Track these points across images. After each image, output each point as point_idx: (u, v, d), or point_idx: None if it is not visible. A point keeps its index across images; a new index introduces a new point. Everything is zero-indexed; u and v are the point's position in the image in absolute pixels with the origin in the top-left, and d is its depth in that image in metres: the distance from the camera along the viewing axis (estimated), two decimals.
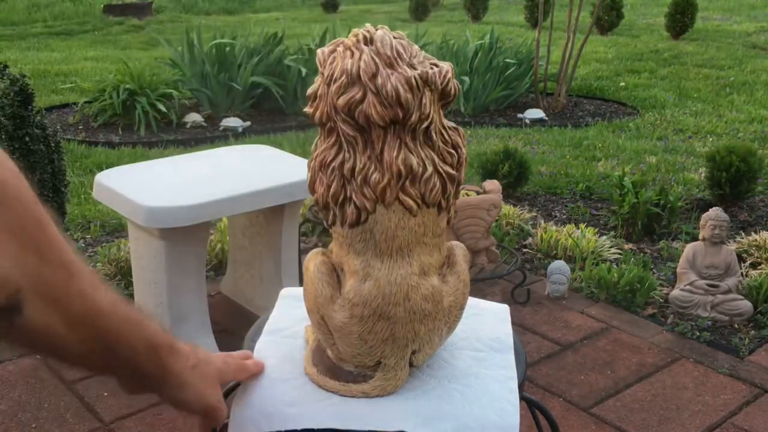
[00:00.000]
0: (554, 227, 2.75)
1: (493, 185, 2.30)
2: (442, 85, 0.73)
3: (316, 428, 0.74)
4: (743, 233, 2.76)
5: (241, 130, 4.24)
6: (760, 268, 2.45)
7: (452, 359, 0.85)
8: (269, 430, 0.75)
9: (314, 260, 0.78)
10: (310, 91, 0.76)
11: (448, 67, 0.74)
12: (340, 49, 0.73)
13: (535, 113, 4.57)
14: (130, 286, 2.21)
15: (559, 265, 2.32)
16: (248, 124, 4.34)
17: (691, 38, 7.36)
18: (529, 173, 3.17)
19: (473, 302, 0.94)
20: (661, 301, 2.29)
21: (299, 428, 0.74)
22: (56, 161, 2.43)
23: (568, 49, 4.58)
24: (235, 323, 2.11)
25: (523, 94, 4.93)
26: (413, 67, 0.72)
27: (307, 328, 0.87)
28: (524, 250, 2.68)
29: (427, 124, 0.73)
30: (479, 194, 2.28)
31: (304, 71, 4.41)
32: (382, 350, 0.76)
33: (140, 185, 1.81)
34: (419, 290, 0.74)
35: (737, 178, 2.97)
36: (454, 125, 0.78)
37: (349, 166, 0.73)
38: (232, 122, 4.28)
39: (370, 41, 0.73)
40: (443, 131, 0.76)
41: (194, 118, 4.34)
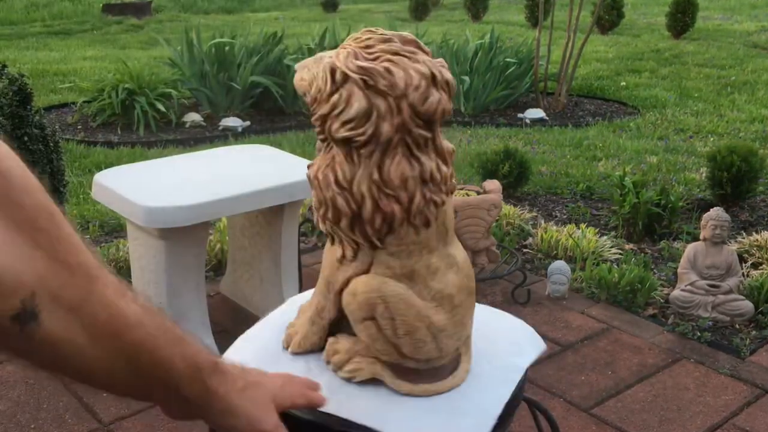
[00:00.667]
0: (555, 227, 2.74)
1: (493, 185, 2.29)
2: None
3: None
4: (744, 233, 2.75)
5: (240, 129, 4.24)
6: (761, 268, 2.45)
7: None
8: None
9: (388, 286, 0.77)
10: (354, 113, 0.70)
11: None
12: (382, 62, 0.71)
13: (535, 113, 4.56)
14: (129, 286, 2.20)
15: (559, 265, 2.31)
16: (248, 123, 4.33)
17: (691, 38, 7.36)
18: (529, 173, 3.17)
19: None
20: (661, 301, 2.29)
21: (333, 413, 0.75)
22: (55, 161, 2.43)
23: (568, 48, 4.57)
24: (234, 323, 2.10)
25: (523, 93, 4.92)
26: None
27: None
28: (524, 250, 2.67)
29: None
30: (479, 194, 2.27)
31: None
32: (466, 330, 0.83)
33: (139, 185, 1.81)
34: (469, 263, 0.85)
35: (738, 177, 2.96)
36: None
37: (426, 169, 0.75)
38: (231, 122, 4.28)
39: (389, 40, 0.73)
40: None
41: (193, 117, 4.33)
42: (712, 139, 4.10)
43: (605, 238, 2.67)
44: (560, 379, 1.88)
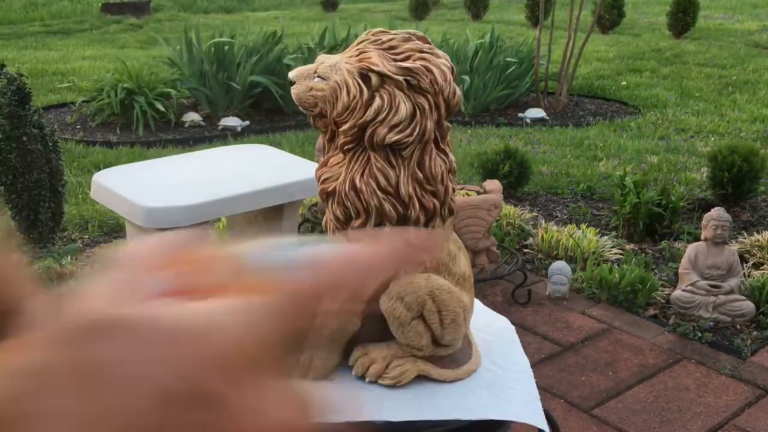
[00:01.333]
0: (555, 227, 2.73)
1: (493, 185, 2.28)
2: None
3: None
4: (745, 233, 2.75)
5: (239, 129, 4.23)
6: (762, 268, 2.44)
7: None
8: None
9: (433, 281, 0.79)
10: (403, 116, 0.70)
11: None
12: (416, 60, 0.71)
13: (535, 113, 4.56)
14: None
15: (560, 265, 2.31)
16: (247, 123, 4.33)
17: (692, 37, 7.35)
18: (529, 173, 3.16)
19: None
20: (662, 301, 2.28)
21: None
22: (54, 161, 2.42)
23: (569, 48, 4.56)
24: None
25: (523, 93, 4.91)
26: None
27: None
28: (525, 250, 2.66)
29: None
30: (480, 194, 2.26)
31: None
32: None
33: (138, 185, 1.80)
34: None
35: (739, 177, 2.96)
36: None
37: (452, 159, 0.77)
38: (230, 122, 4.27)
39: (410, 39, 0.74)
40: None
41: (193, 117, 4.32)
42: (713, 138, 4.09)
43: (606, 238, 2.67)
44: (561, 379, 1.88)
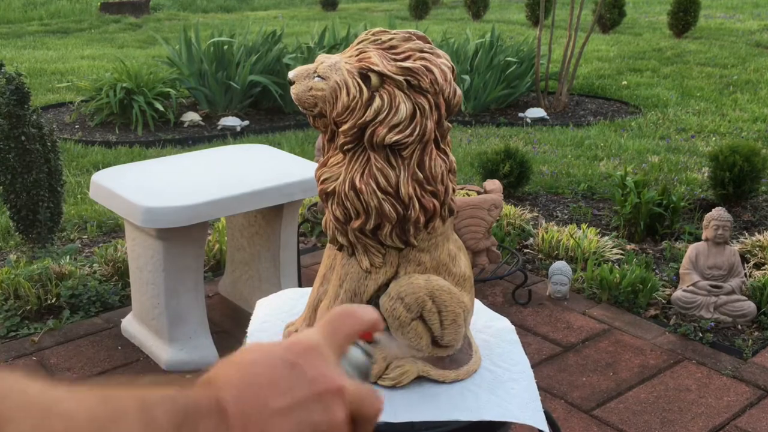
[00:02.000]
0: (556, 227, 2.73)
1: (493, 185, 2.27)
2: None
3: None
4: (747, 233, 2.74)
5: (239, 129, 4.22)
6: (763, 268, 2.43)
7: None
8: None
9: (433, 281, 0.79)
10: (403, 116, 0.70)
11: None
12: (416, 60, 0.71)
13: (536, 112, 4.55)
14: (127, 287, 2.19)
15: (560, 265, 2.30)
16: (246, 123, 4.32)
17: (693, 36, 7.34)
18: (530, 173, 3.15)
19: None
20: (663, 302, 2.27)
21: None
22: (52, 161, 2.41)
23: (569, 47, 4.55)
24: (233, 324, 2.09)
25: (524, 93, 4.90)
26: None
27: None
28: (525, 250, 2.65)
29: None
30: (480, 194, 2.25)
31: None
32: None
33: (137, 185, 1.79)
34: None
35: (741, 177, 2.95)
36: None
37: (451, 159, 0.77)
38: (230, 121, 4.26)
39: (410, 38, 0.73)
40: None
41: (192, 117, 4.32)
42: (714, 138, 4.08)
43: (606, 238, 2.66)
44: (561, 380, 1.87)
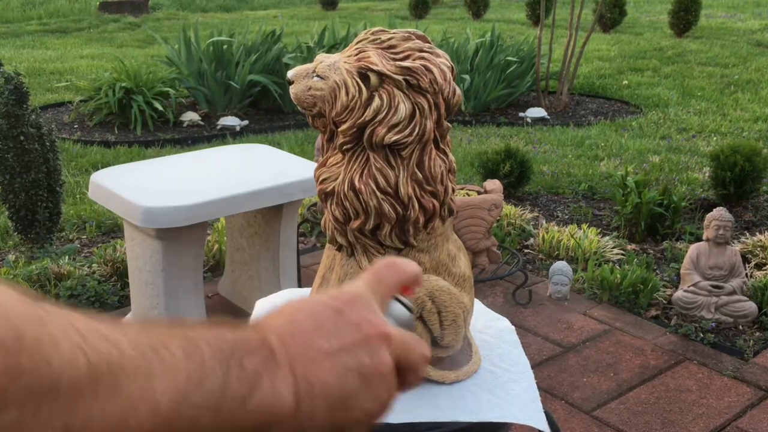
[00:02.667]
0: (556, 227, 2.72)
1: (494, 185, 2.27)
2: None
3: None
4: (748, 233, 2.73)
5: (238, 129, 4.21)
6: (765, 269, 2.43)
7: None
8: None
9: (432, 281, 0.79)
10: (402, 116, 0.70)
11: None
12: (415, 60, 0.71)
13: (536, 112, 4.54)
14: (126, 287, 2.18)
15: (561, 266, 2.29)
16: (246, 122, 4.31)
17: (694, 36, 7.33)
18: (530, 173, 3.14)
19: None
20: (664, 302, 2.27)
21: None
22: (51, 160, 2.40)
23: (570, 46, 4.54)
24: None
25: (524, 92, 4.90)
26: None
27: None
28: (526, 250, 2.65)
29: None
30: (480, 194, 2.25)
31: None
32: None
33: (136, 185, 1.79)
34: None
35: (742, 177, 2.94)
36: None
37: (451, 159, 0.76)
38: (229, 121, 4.26)
39: (409, 38, 0.73)
40: None
41: (191, 116, 4.31)
42: (715, 138, 4.08)
43: (607, 238, 2.65)
44: (562, 381, 1.86)
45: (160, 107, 4.19)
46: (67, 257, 2.38)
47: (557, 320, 2.17)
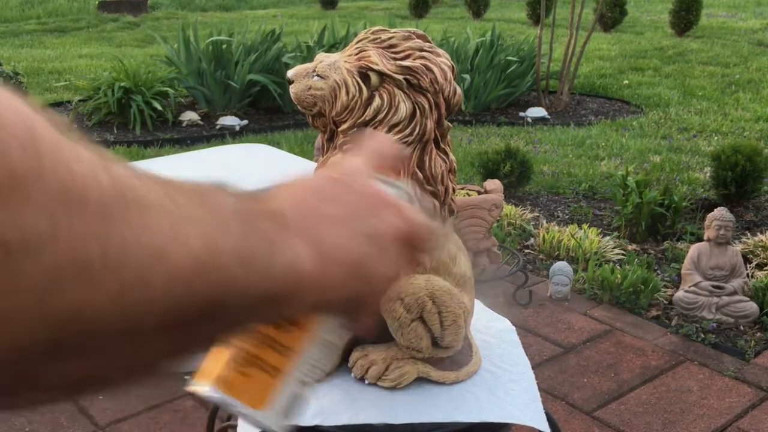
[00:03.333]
0: (557, 228, 2.71)
1: (494, 185, 2.26)
2: None
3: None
4: (749, 234, 2.73)
5: (238, 128, 4.21)
6: (766, 269, 2.42)
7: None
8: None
9: (433, 281, 0.78)
10: (403, 115, 0.70)
11: None
12: (416, 59, 0.71)
13: (537, 112, 4.53)
14: None
15: (561, 266, 2.29)
16: (245, 122, 4.31)
17: (695, 35, 7.32)
18: (531, 173, 3.14)
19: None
20: (665, 302, 2.26)
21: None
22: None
23: (570, 46, 4.54)
24: None
25: (525, 92, 4.89)
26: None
27: None
28: (526, 250, 2.64)
29: None
30: (480, 194, 2.24)
31: None
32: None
33: None
34: None
35: (743, 177, 2.93)
36: None
37: (451, 159, 0.76)
38: (229, 121, 4.25)
39: (409, 37, 0.74)
40: None
41: (191, 116, 4.30)
42: (716, 138, 4.07)
43: (608, 238, 2.64)
44: (562, 381, 1.86)
45: (159, 107, 4.19)
46: None
47: (558, 320, 2.16)
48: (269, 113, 4.56)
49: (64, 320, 0.24)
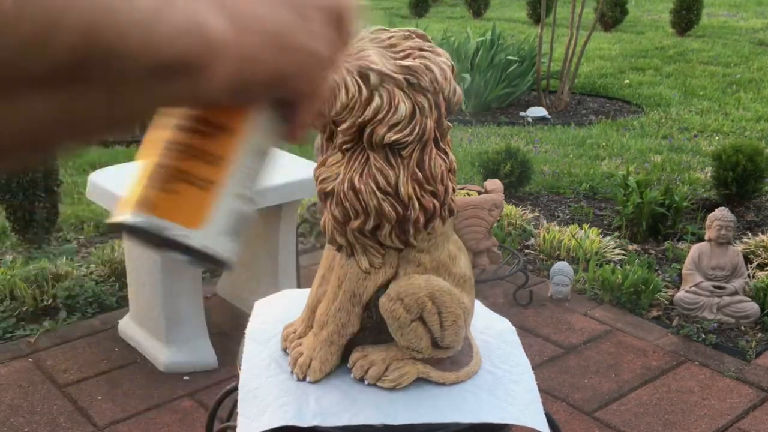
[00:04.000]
0: (557, 228, 2.71)
1: (494, 185, 2.26)
2: None
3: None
4: (750, 234, 2.72)
5: None
6: (767, 269, 2.41)
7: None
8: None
9: (433, 281, 0.78)
10: (402, 115, 0.69)
11: None
12: (416, 59, 0.72)
13: (537, 111, 4.53)
14: (124, 287, 2.17)
15: (562, 266, 2.28)
16: None
17: (696, 35, 7.31)
18: (531, 173, 3.13)
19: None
20: (666, 303, 2.26)
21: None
22: (49, 160, 2.40)
23: (571, 46, 4.53)
24: (231, 325, 2.07)
25: (525, 92, 4.88)
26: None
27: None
28: (526, 251, 2.64)
29: None
30: (481, 194, 2.24)
31: None
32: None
33: None
34: None
35: (744, 177, 2.93)
36: None
37: (451, 158, 0.76)
38: None
39: (409, 37, 0.74)
40: None
41: None
42: (717, 138, 4.06)
43: (608, 238, 2.64)
44: (563, 382, 1.85)
45: None
46: (64, 257, 2.37)
47: (558, 321, 2.16)
48: None
49: None
